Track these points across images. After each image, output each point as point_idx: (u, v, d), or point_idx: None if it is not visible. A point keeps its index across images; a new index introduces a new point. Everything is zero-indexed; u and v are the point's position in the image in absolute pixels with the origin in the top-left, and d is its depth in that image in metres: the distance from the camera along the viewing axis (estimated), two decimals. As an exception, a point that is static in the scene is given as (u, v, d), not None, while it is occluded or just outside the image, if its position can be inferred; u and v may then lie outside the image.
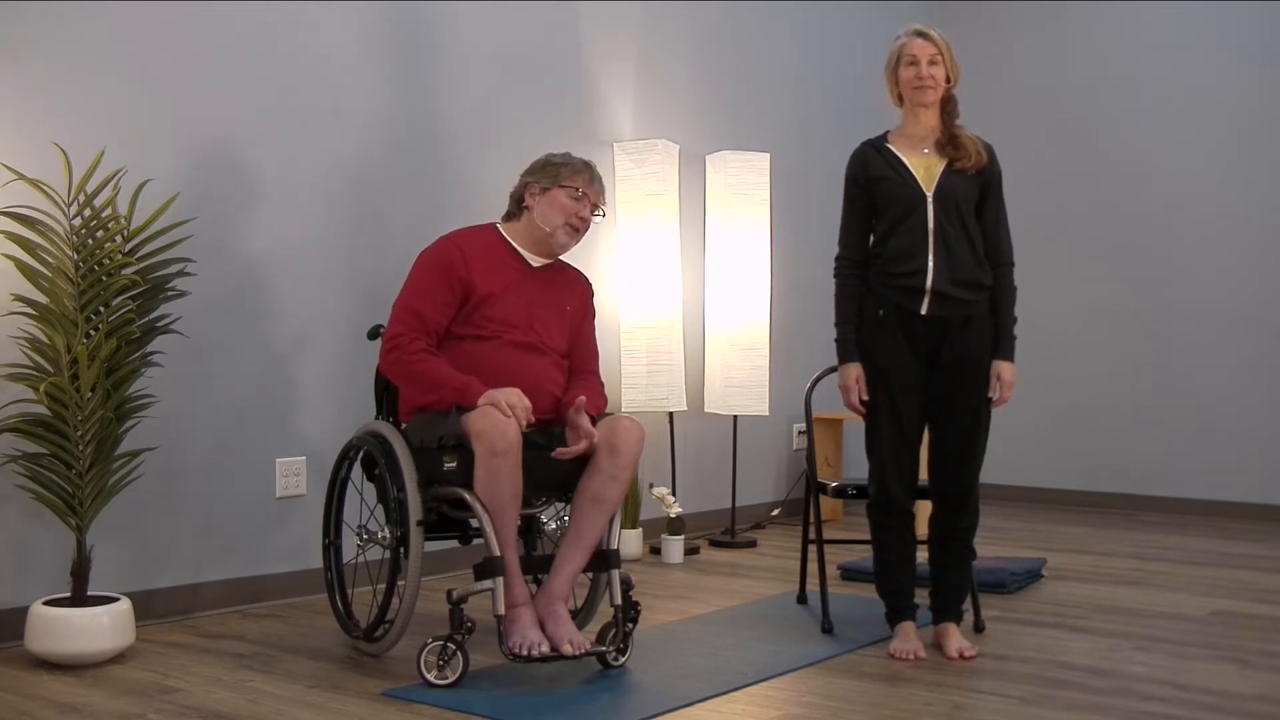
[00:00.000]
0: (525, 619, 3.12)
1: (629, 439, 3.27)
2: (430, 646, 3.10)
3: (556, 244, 3.49)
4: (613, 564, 3.29)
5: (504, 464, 3.10)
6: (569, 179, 3.46)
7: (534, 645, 3.06)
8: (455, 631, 3.07)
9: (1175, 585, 4.48)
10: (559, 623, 3.17)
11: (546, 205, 3.45)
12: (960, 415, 3.44)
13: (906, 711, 2.94)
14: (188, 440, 3.87)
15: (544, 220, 3.45)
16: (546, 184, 3.46)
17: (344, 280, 4.28)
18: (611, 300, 5.20)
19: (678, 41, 5.57)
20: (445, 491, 3.25)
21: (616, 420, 3.32)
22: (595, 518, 3.26)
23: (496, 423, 3.09)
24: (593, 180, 3.50)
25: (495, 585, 3.09)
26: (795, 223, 5.98)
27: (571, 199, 3.45)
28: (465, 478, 3.17)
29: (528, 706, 2.95)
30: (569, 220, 3.45)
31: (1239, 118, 6.29)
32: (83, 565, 3.35)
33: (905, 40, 3.47)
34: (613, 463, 3.26)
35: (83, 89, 3.64)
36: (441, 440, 3.22)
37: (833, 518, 5.88)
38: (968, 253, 3.40)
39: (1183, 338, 6.41)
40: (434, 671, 3.07)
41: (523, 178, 3.54)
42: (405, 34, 4.50)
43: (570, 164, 3.49)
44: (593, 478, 3.27)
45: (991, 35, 6.83)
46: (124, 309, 3.35)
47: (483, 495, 3.13)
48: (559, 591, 3.23)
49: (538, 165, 3.52)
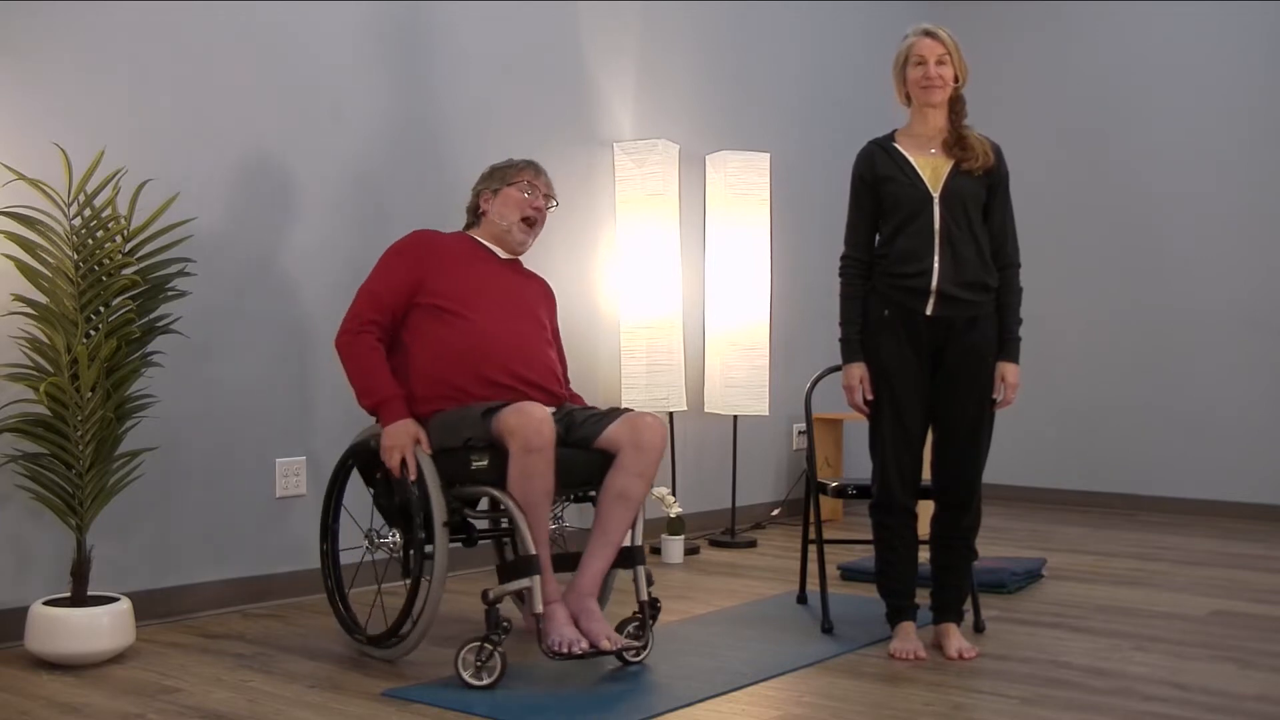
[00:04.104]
0: (560, 616, 3.15)
1: (653, 436, 3.30)
2: (468, 647, 3.09)
3: (514, 240, 3.63)
4: (637, 560, 3.32)
5: (539, 461, 3.12)
6: (515, 177, 3.63)
7: (574, 642, 3.09)
8: (492, 632, 3.08)
9: (1175, 585, 4.48)
10: (593, 619, 3.20)
11: (500, 204, 3.63)
12: (963, 416, 3.44)
13: (906, 711, 2.94)
14: (188, 440, 3.87)
15: (500, 217, 3.62)
16: (496, 186, 3.64)
17: (344, 280, 4.27)
18: (611, 300, 5.20)
19: (678, 41, 5.57)
20: (470, 492, 3.27)
21: (639, 418, 3.33)
22: (621, 514, 3.28)
23: (531, 420, 3.11)
24: (538, 173, 3.67)
25: (533, 583, 3.10)
26: (795, 223, 5.99)
27: (522, 193, 3.62)
28: (497, 476, 3.18)
29: (527, 706, 2.95)
30: (524, 213, 3.61)
31: (1239, 117, 6.29)
32: (83, 565, 3.35)
33: (913, 39, 3.46)
34: (638, 460, 3.28)
35: (83, 89, 3.64)
36: (469, 441, 3.22)
37: (833, 518, 5.88)
38: (974, 254, 3.40)
39: (1183, 338, 6.41)
40: (471, 672, 3.07)
41: (473, 190, 3.71)
42: (405, 34, 4.50)
43: (513, 164, 3.67)
44: (618, 475, 3.28)
45: (992, 35, 6.83)
46: (124, 309, 3.35)
47: (517, 493, 3.14)
48: (589, 588, 3.25)
49: (484, 175, 3.70)
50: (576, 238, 5.06)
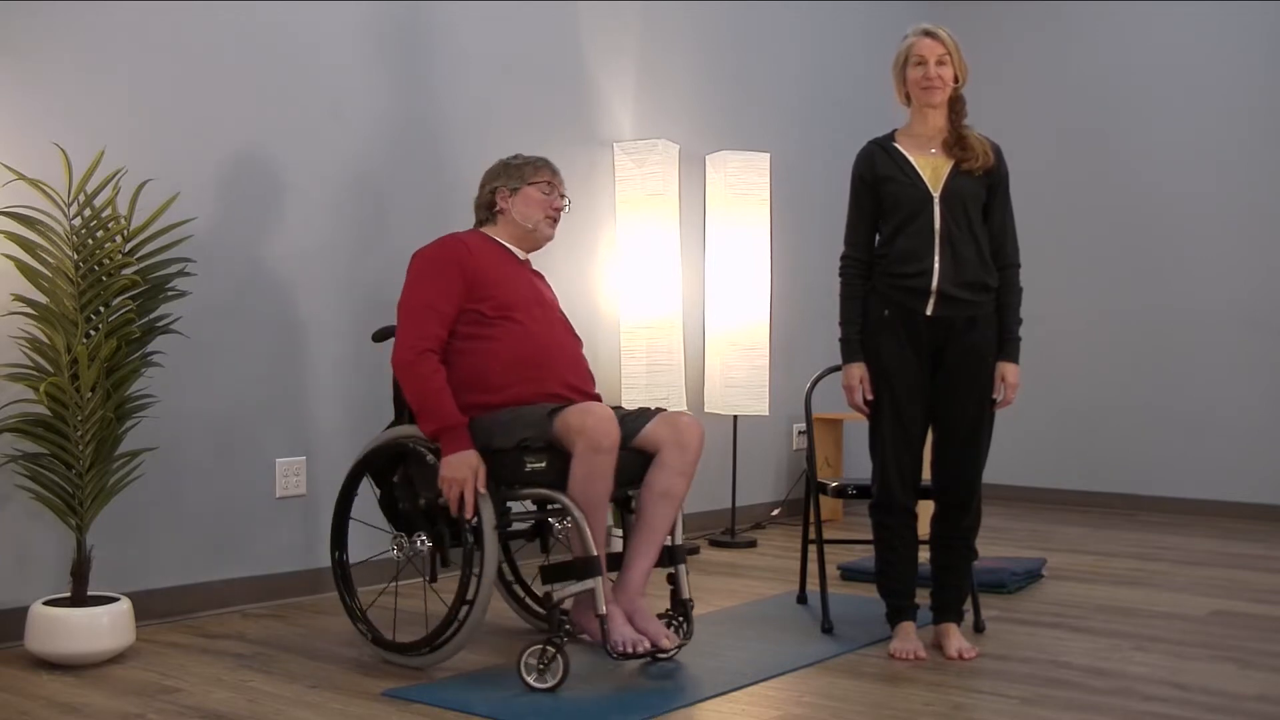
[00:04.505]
0: (618, 617, 3.18)
1: (694, 434, 3.34)
2: (530, 650, 3.09)
3: (541, 236, 3.60)
4: (679, 559, 3.36)
5: (606, 461, 3.12)
6: (534, 176, 3.57)
7: (636, 642, 3.13)
8: (554, 634, 3.07)
9: (1175, 585, 4.48)
10: (647, 619, 3.23)
11: (523, 204, 3.56)
12: (963, 416, 3.44)
13: (906, 711, 2.94)
14: (188, 440, 3.87)
15: (524, 218, 3.56)
16: (515, 184, 3.56)
17: (344, 280, 4.28)
18: (611, 300, 5.20)
19: (678, 41, 5.57)
20: (519, 493, 3.26)
21: (678, 416, 3.36)
22: (666, 512, 3.30)
23: (601, 420, 3.11)
24: (555, 172, 3.63)
25: (596, 584, 3.11)
26: (795, 223, 5.99)
27: (543, 194, 3.56)
28: (555, 478, 3.17)
29: (527, 706, 2.95)
30: (547, 213, 3.57)
31: (1239, 117, 6.29)
32: (83, 565, 3.35)
33: (913, 39, 3.46)
34: (681, 458, 3.31)
35: (83, 89, 3.64)
36: (524, 442, 3.20)
37: (833, 518, 5.88)
38: (974, 254, 3.40)
39: (1183, 338, 6.41)
40: (534, 674, 3.06)
41: (486, 185, 3.62)
42: (405, 34, 4.50)
43: (530, 162, 3.59)
44: (661, 473, 3.30)
45: (992, 35, 6.83)
46: (124, 309, 3.35)
47: (579, 494, 3.14)
48: (638, 587, 3.27)
49: (498, 170, 3.61)
50: (576, 238, 5.06)
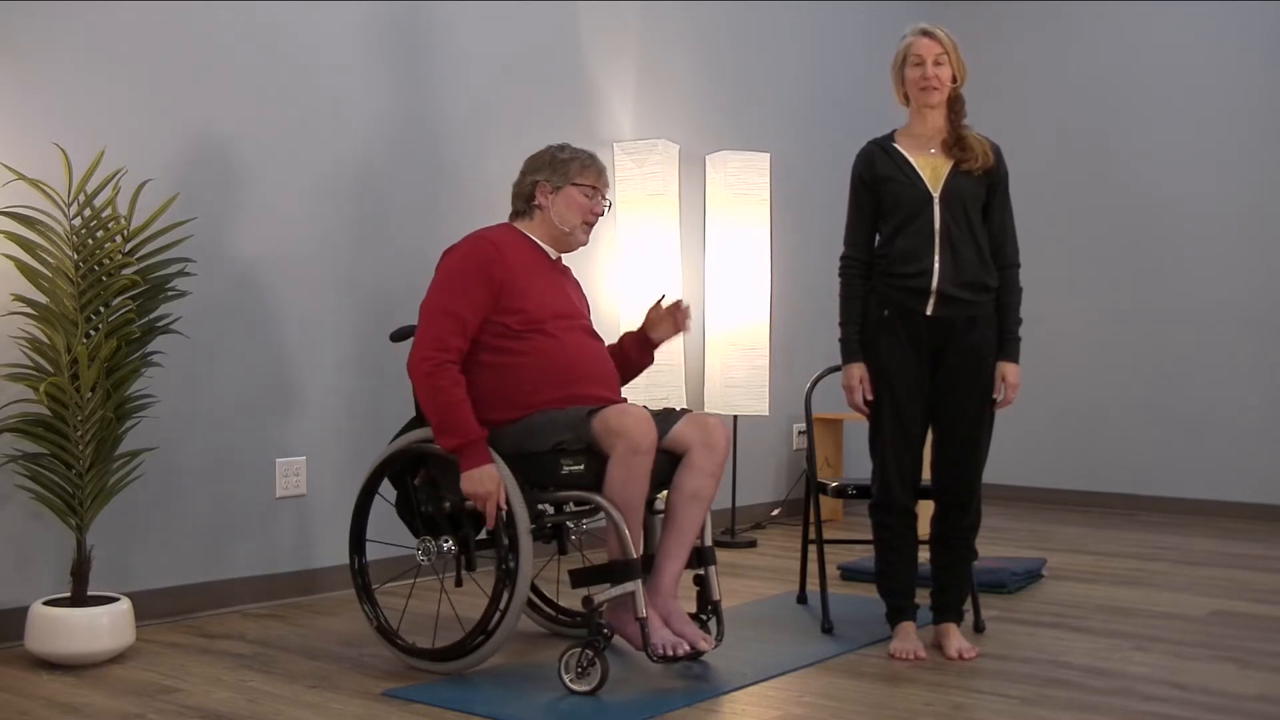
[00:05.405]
0: (656, 620, 3.17)
1: (721, 435, 3.30)
2: (570, 652, 3.08)
3: (576, 241, 3.49)
4: (708, 560, 3.34)
5: (644, 463, 3.10)
6: (579, 176, 3.43)
7: (675, 645, 3.11)
8: (594, 636, 3.06)
9: (1175, 585, 4.48)
10: (683, 621, 3.22)
11: (563, 205, 3.42)
12: (963, 416, 3.44)
13: (906, 711, 2.94)
14: (188, 440, 3.87)
15: (561, 220, 3.43)
16: (558, 182, 3.42)
17: (344, 280, 4.28)
18: (611, 300, 5.20)
19: (678, 41, 5.57)
20: (553, 496, 3.24)
21: (704, 418, 3.33)
22: (695, 513, 3.28)
23: (640, 422, 3.09)
24: (601, 172, 3.48)
25: (636, 587, 3.09)
26: (795, 223, 5.99)
27: (586, 197, 3.43)
28: (592, 480, 3.15)
29: (527, 706, 2.95)
30: (585, 218, 3.46)
31: (1239, 117, 6.29)
32: (83, 565, 3.35)
33: (911, 39, 3.46)
34: (710, 460, 3.28)
35: (83, 89, 3.64)
36: (559, 445, 3.17)
37: (833, 518, 5.88)
38: (973, 254, 3.40)
39: (1183, 338, 6.41)
40: (572, 675, 3.05)
41: (528, 174, 3.47)
42: (405, 34, 4.50)
43: (579, 158, 3.44)
44: (690, 474, 3.27)
45: (992, 35, 6.82)
46: (124, 309, 3.35)
47: (617, 496, 3.11)
48: (670, 589, 3.25)
49: (544, 161, 3.46)
50: (576, 238, 5.06)
